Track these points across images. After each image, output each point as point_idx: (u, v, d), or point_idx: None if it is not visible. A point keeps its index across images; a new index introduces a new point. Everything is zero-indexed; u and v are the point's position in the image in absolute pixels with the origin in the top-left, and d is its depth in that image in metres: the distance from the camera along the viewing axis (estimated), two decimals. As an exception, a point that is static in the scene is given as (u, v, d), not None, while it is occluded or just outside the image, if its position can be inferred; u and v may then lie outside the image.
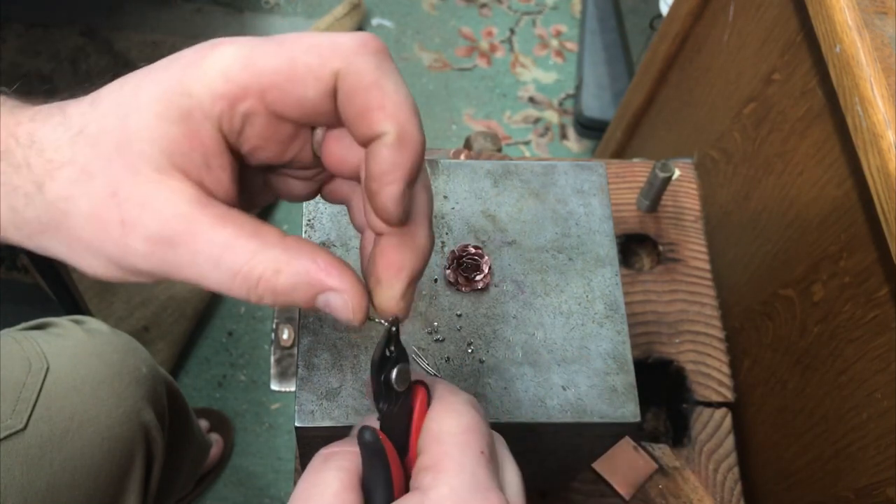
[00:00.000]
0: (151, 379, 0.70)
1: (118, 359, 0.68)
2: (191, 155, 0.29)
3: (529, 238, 0.51)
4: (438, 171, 0.52)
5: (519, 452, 0.52)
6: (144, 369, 0.70)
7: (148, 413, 0.68)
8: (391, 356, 0.33)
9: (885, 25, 0.62)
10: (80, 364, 0.65)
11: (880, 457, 0.68)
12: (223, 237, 0.28)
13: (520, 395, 0.46)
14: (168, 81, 0.29)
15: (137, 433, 0.66)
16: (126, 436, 0.65)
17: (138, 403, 0.67)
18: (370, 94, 0.28)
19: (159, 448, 0.70)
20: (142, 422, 0.67)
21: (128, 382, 0.67)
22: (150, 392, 0.69)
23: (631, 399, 0.47)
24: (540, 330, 0.48)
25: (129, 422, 0.65)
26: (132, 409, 0.66)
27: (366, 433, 0.31)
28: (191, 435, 0.86)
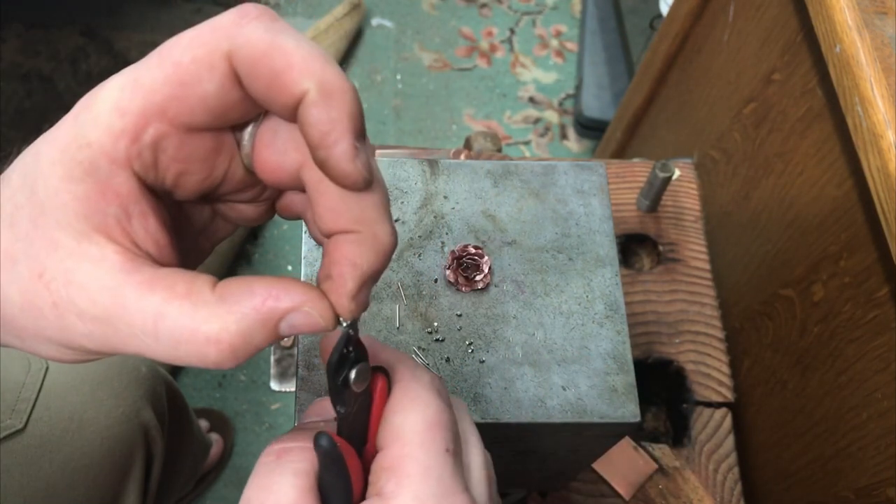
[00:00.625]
0: (151, 379, 0.70)
1: (117, 359, 0.68)
2: (107, 210, 0.26)
3: (529, 238, 0.51)
4: (438, 171, 0.52)
5: (519, 452, 0.52)
6: (144, 369, 0.70)
7: (147, 413, 0.68)
8: (349, 355, 0.30)
9: (885, 25, 0.62)
10: (80, 364, 0.65)
11: (880, 457, 0.68)
12: (154, 305, 0.25)
13: (520, 395, 0.46)
14: (64, 138, 0.26)
15: (137, 433, 0.66)
16: (125, 436, 0.65)
17: (138, 403, 0.67)
18: (271, 57, 0.25)
19: (159, 448, 0.70)
20: (141, 422, 0.67)
21: (127, 382, 0.67)
22: (149, 392, 0.69)
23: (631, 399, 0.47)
24: (540, 330, 0.48)
25: (128, 422, 0.65)
26: (131, 409, 0.66)
27: (322, 439, 0.28)
28: (190, 435, 0.86)
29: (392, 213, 0.50)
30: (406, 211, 0.50)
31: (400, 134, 1.57)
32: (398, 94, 1.61)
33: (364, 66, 1.64)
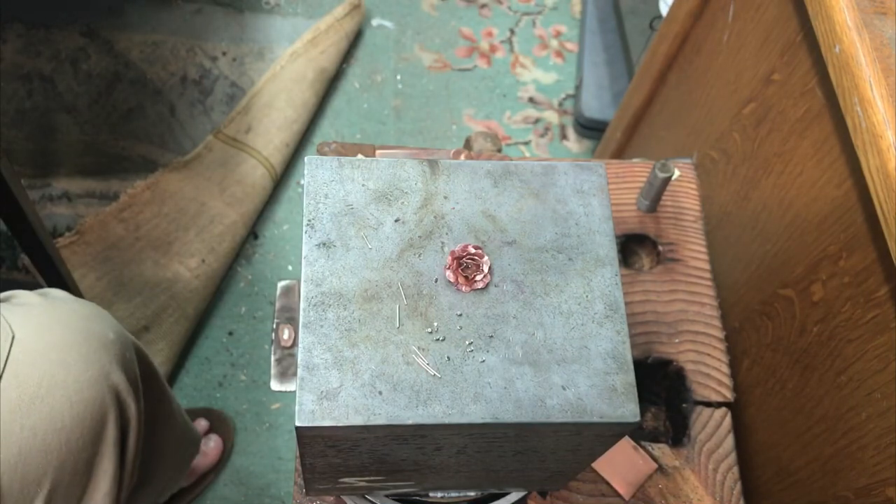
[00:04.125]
0: (119, 344, 0.70)
1: (84, 325, 0.68)
2: None
3: (529, 238, 0.51)
4: (438, 171, 0.52)
5: (519, 452, 0.52)
6: (112, 335, 0.70)
7: (117, 376, 0.68)
8: None
9: (885, 26, 0.62)
10: (46, 331, 0.66)
11: (880, 457, 0.68)
12: None
13: (520, 395, 0.46)
14: None
15: (108, 395, 0.67)
16: (96, 398, 0.66)
17: (106, 367, 0.67)
18: None
19: (133, 413, 0.70)
20: (111, 384, 0.67)
21: (95, 347, 0.67)
22: (118, 356, 0.69)
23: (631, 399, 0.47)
24: (540, 330, 0.48)
25: (97, 384, 0.66)
26: (100, 372, 0.66)
27: None
28: (168, 405, 0.85)
29: (392, 213, 0.50)
30: (406, 211, 0.51)
31: (400, 134, 1.57)
32: (398, 94, 1.61)
33: (364, 66, 1.64)
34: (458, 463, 0.54)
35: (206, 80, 1.55)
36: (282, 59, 1.54)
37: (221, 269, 1.33)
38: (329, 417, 0.44)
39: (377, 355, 0.46)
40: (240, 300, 1.36)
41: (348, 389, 0.45)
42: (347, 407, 0.44)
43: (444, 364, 0.46)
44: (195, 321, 1.29)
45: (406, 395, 0.45)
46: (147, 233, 1.32)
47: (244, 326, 1.34)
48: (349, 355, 0.46)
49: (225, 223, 1.35)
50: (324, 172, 0.51)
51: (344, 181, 0.51)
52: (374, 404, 0.44)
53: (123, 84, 1.52)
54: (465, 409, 0.45)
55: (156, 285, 1.27)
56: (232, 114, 1.48)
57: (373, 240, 0.49)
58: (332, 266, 0.48)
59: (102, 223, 1.32)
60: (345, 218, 0.50)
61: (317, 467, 0.53)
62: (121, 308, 1.23)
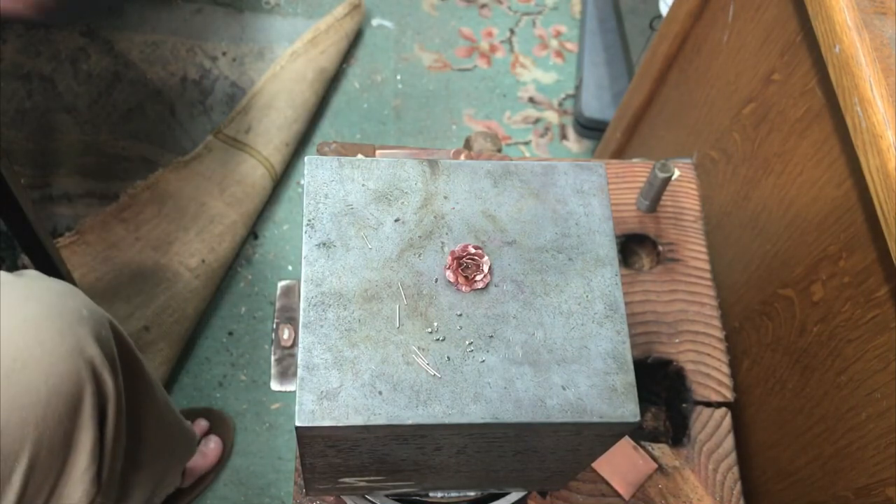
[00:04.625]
0: (93, 321, 0.71)
1: (57, 300, 0.69)
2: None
3: (529, 238, 0.51)
4: (438, 171, 0.52)
5: (519, 452, 0.52)
6: (85, 311, 0.71)
7: (92, 350, 0.69)
8: None
9: (885, 26, 0.62)
10: (20, 308, 0.67)
11: (879, 456, 0.68)
12: None
13: (520, 395, 0.46)
14: None
15: (83, 369, 0.67)
16: (71, 371, 0.66)
17: (81, 341, 0.68)
18: None
19: (111, 388, 0.71)
20: (86, 358, 0.68)
21: (69, 321, 0.68)
22: (93, 332, 0.70)
23: (631, 399, 0.47)
24: (540, 330, 0.48)
25: (72, 358, 0.67)
26: (75, 347, 0.67)
27: None
28: (149, 387, 0.85)
29: (392, 213, 0.50)
30: (406, 211, 0.51)
31: (400, 134, 1.57)
32: (398, 94, 1.61)
33: (364, 66, 1.64)
34: (458, 463, 0.54)
35: (206, 80, 1.55)
36: (282, 59, 1.54)
37: (221, 269, 1.33)
38: (329, 417, 0.44)
39: (377, 355, 0.46)
40: (240, 300, 1.36)
41: (348, 389, 0.45)
42: (347, 407, 0.44)
43: (444, 364, 0.46)
44: (195, 321, 1.29)
45: (406, 395, 0.45)
46: (147, 233, 1.32)
47: (244, 326, 1.34)
48: (349, 355, 0.46)
49: (225, 223, 1.35)
50: (324, 172, 0.51)
51: (344, 181, 0.51)
52: (374, 404, 0.44)
53: (123, 84, 1.52)
54: (465, 409, 0.45)
55: (156, 285, 1.27)
56: (232, 114, 1.48)
57: (373, 240, 0.49)
58: (332, 266, 0.48)
59: (102, 223, 1.32)
60: (345, 218, 0.50)
61: (317, 467, 0.53)
62: (121, 308, 1.23)
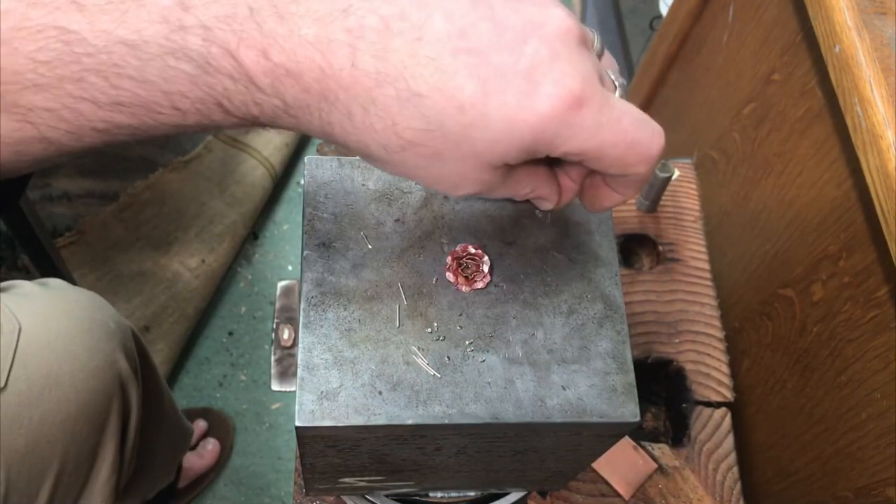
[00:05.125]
0: (121, 333, 0.71)
1: (87, 315, 0.68)
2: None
3: (529, 238, 0.51)
4: (438, 171, 0.52)
5: (519, 452, 0.52)
6: (112, 324, 0.70)
7: (122, 363, 0.69)
8: None
9: (885, 25, 0.62)
10: (51, 322, 0.66)
11: (880, 457, 0.68)
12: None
13: (520, 395, 0.46)
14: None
15: (112, 383, 0.67)
16: (101, 388, 0.66)
17: (111, 356, 0.68)
18: (625, 158, 0.32)
19: (134, 400, 0.71)
20: (115, 372, 0.68)
21: (98, 336, 0.68)
22: (121, 345, 0.70)
23: (631, 399, 0.47)
24: (540, 330, 0.48)
25: (103, 374, 0.66)
26: (105, 362, 0.67)
27: None
28: (161, 394, 0.86)
29: (392, 213, 0.50)
30: (406, 211, 0.51)
31: (400, 134, 1.57)
32: (398, 94, 1.61)
33: (364, 66, 1.64)
34: (458, 463, 0.54)
35: (206, 80, 1.55)
36: (282, 59, 1.54)
37: (221, 269, 1.33)
38: (329, 417, 0.44)
39: (377, 355, 0.46)
40: (240, 300, 1.36)
41: (348, 389, 0.45)
42: (347, 407, 0.44)
43: (444, 364, 0.46)
44: (195, 321, 1.29)
45: (406, 395, 0.45)
46: (147, 233, 1.32)
47: (244, 326, 1.34)
48: (349, 355, 0.46)
49: (225, 223, 1.35)
50: (324, 172, 0.51)
51: (344, 181, 0.51)
52: (374, 404, 0.44)
53: (123, 84, 1.52)
54: (465, 409, 0.45)
55: (156, 285, 1.27)
56: (232, 114, 1.48)
57: (373, 240, 0.49)
58: (332, 266, 0.48)
59: (102, 223, 1.32)
60: (345, 218, 0.50)
61: (317, 467, 0.53)
62: (121, 308, 1.23)
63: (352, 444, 0.48)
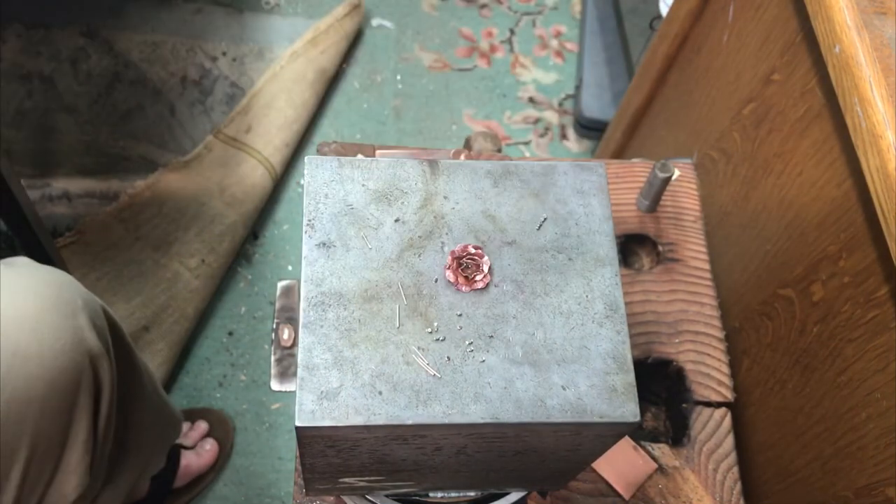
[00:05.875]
0: (89, 309, 0.71)
1: (53, 292, 0.68)
2: None
3: (529, 238, 0.51)
4: (438, 171, 0.52)
5: (519, 452, 0.52)
6: (80, 301, 0.70)
7: (91, 340, 0.68)
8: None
9: (885, 25, 0.62)
10: (17, 301, 0.66)
11: (879, 456, 0.68)
12: None
13: (520, 395, 0.46)
14: None
15: (81, 362, 0.67)
16: (69, 366, 0.66)
17: (79, 333, 0.67)
18: None
19: (106, 376, 0.70)
20: (84, 349, 0.67)
21: (66, 314, 0.67)
22: (90, 321, 0.69)
23: (631, 399, 0.47)
24: (540, 330, 0.48)
25: (71, 352, 0.66)
26: (73, 339, 0.67)
27: None
28: (137, 370, 0.85)
29: (392, 213, 0.50)
30: (406, 211, 0.51)
31: (400, 134, 1.57)
32: (398, 94, 1.61)
33: (364, 66, 1.64)
34: (458, 463, 0.54)
35: (206, 80, 1.55)
36: (282, 59, 1.54)
37: (221, 269, 1.33)
38: (329, 417, 0.44)
39: (377, 355, 0.46)
40: (240, 300, 1.36)
41: (348, 389, 0.45)
42: (347, 407, 0.44)
43: (444, 364, 0.46)
44: (195, 321, 1.29)
45: (406, 395, 0.45)
46: (147, 233, 1.32)
47: (244, 326, 1.34)
48: (349, 355, 0.46)
49: (225, 223, 1.34)
50: (324, 172, 0.51)
51: (344, 181, 0.51)
52: (374, 404, 0.44)
53: (123, 84, 1.52)
54: (465, 409, 0.45)
55: (156, 285, 1.27)
56: (232, 114, 1.48)
57: (373, 240, 0.49)
58: (332, 266, 0.48)
59: (102, 223, 1.32)
60: (345, 218, 0.50)
61: (317, 467, 0.53)
62: (121, 308, 1.23)
63: (352, 444, 0.48)
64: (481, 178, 0.52)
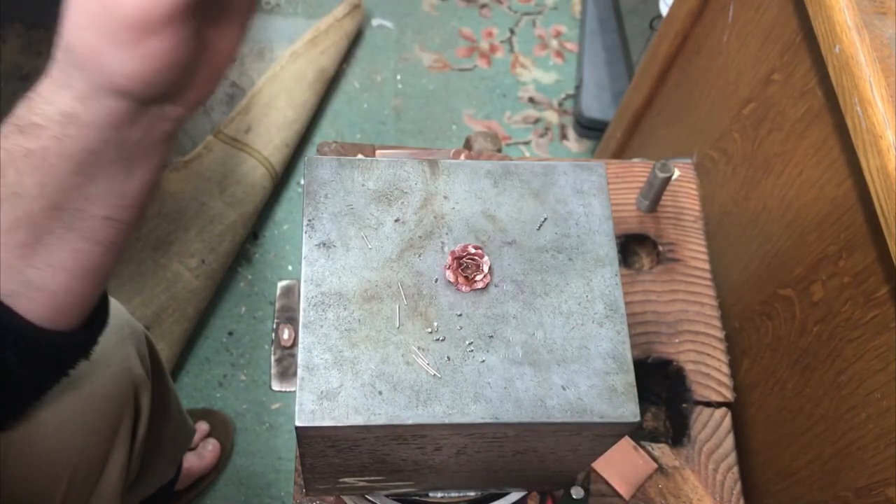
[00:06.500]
0: (135, 338, 0.71)
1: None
2: None
3: (529, 238, 0.51)
4: (438, 171, 0.52)
5: (519, 452, 0.52)
6: (128, 329, 0.70)
7: (137, 369, 0.68)
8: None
9: (885, 26, 0.62)
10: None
11: (879, 457, 0.68)
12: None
13: (520, 395, 0.46)
14: None
15: (127, 390, 0.67)
16: (116, 394, 0.66)
17: (127, 361, 0.68)
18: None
19: (145, 403, 0.71)
20: (131, 378, 0.68)
21: (115, 342, 0.67)
22: (136, 349, 0.70)
23: (631, 399, 0.47)
24: (540, 330, 0.48)
25: (119, 379, 0.66)
26: (122, 368, 0.67)
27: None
28: (168, 396, 0.85)
29: (392, 213, 0.50)
30: (406, 211, 0.51)
31: (400, 134, 1.57)
32: (398, 94, 1.61)
33: (364, 66, 1.64)
34: (458, 463, 0.54)
35: (206, 80, 1.55)
36: (282, 59, 1.54)
37: (221, 269, 1.33)
38: (329, 417, 0.44)
39: (377, 355, 0.46)
40: (240, 300, 1.36)
41: (348, 389, 0.45)
42: (347, 407, 0.44)
43: (444, 364, 0.46)
44: (195, 321, 1.29)
45: (406, 395, 0.45)
46: (147, 233, 1.32)
47: (244, 326, 1.34)
48: (349, 355, 0.46)
49: (225, 223, 1.34)
50: (324, 172, 0.51)
51: (344, 181, 0.51)
52: (374, 404, 0.44)
53: (123, 84, 1.52)
54: (465, 409, 0.45)
55: (156, 285, 1.27)
56: (232, 114, 1.48)
57: (373, 240, 0.49)
58: (332, 266, 0.48)
59: (102, 223, 1.32)
60: (345, 218, 0.50)
61: (317, 467, 0.53)
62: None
63: (352, 444, 0.48)
64: (481, 178, 0.52)
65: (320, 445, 0.48)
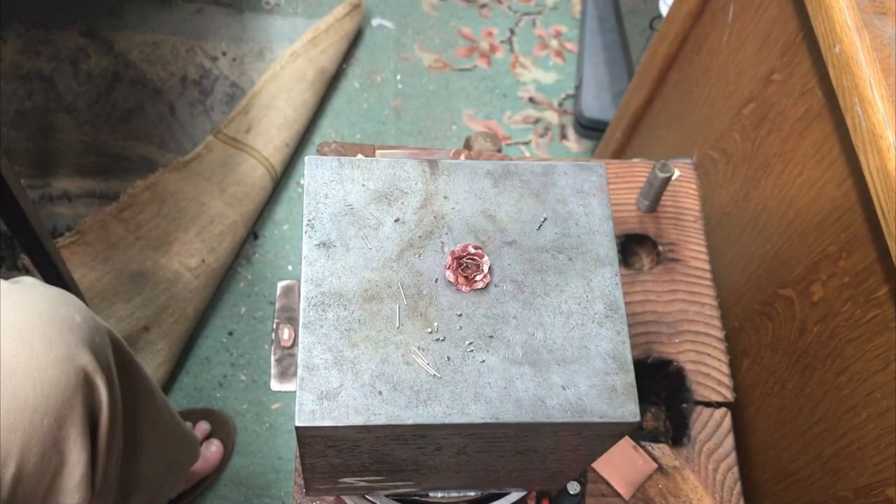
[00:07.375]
0: (87, 328, 0.71)
1: (48, 307, 0.69)
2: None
3: (529, 238, 0.51)
4: (438, 171, 0.52)
5: (519, 452, 0.52)
6: (78, 318, 0.70)
7: (84, 357, 0.68)
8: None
9: (885, 26, 0.62)
10: (9, 313, 0.66)
11: (880, 457, 0.68)
12: None
13: (520, 395, 0.46)
14: None
15: (73, 377, 0.67)
16: (60, 378, 0.66)
17: (72, 348, 0.68)
18: None
19: (104, 397, 0.70)
20: (77, 365, 0.67)
21: (59, 328, 0.67)
22: (86, 339, 0.70)
23: (631, 399, 0.47)
24: (540, 330, 0.48)
25: (62, 365, 0.66)
26: (65, 353, 0.67)
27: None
28: (151, 399, 0.85)
29: (392, 213, 0.50)
30: (406, 211, 0.51)
31: (400, 134, 1.57)
32: (398, 94, 1.61)
33: (364, 66, 1.64)
34: (458, 463, 0.54)
35: (206, 80, 1.55)
36: (282, 59, 1.54)
37: (221, 269, 1.33)
38: (329, 417, 0.44)
39: (377, 355, 0.46)
40: (240, 300, 1.37)
41: (348, 389, 0.45)
42: (347, 407, 0.44)
43: (444, 364, 0.46)
44: (195, 321, 1.29)
45: (406, 395, 0.45)
46: (147, 233, 1.32)
47: (244, 326, 1.34)
48: (349, 355, 0.46)
49: (225, 223, 1.35)
50: (324, 172, 0.51)
51: (344, 181, 0.51)
52: (374, 404, 0.44)
53: (123, 84, 1.52)
54: (465, 409, 0.45)
55: (156, 285, 1.27)
56: (232, 114, 1.48)
57: (373, 240, 0.49)
58: (332, 266, 0.48)
59: (102, 223, 1.32)
60: (345, 218, 0.50)
61: (317, 467, 0.53)
62: (121, 308, 1.23)
63: (352, 444, 0.48)
64: (481, 178, 0.52)
65: (320, 445, 0.48)
